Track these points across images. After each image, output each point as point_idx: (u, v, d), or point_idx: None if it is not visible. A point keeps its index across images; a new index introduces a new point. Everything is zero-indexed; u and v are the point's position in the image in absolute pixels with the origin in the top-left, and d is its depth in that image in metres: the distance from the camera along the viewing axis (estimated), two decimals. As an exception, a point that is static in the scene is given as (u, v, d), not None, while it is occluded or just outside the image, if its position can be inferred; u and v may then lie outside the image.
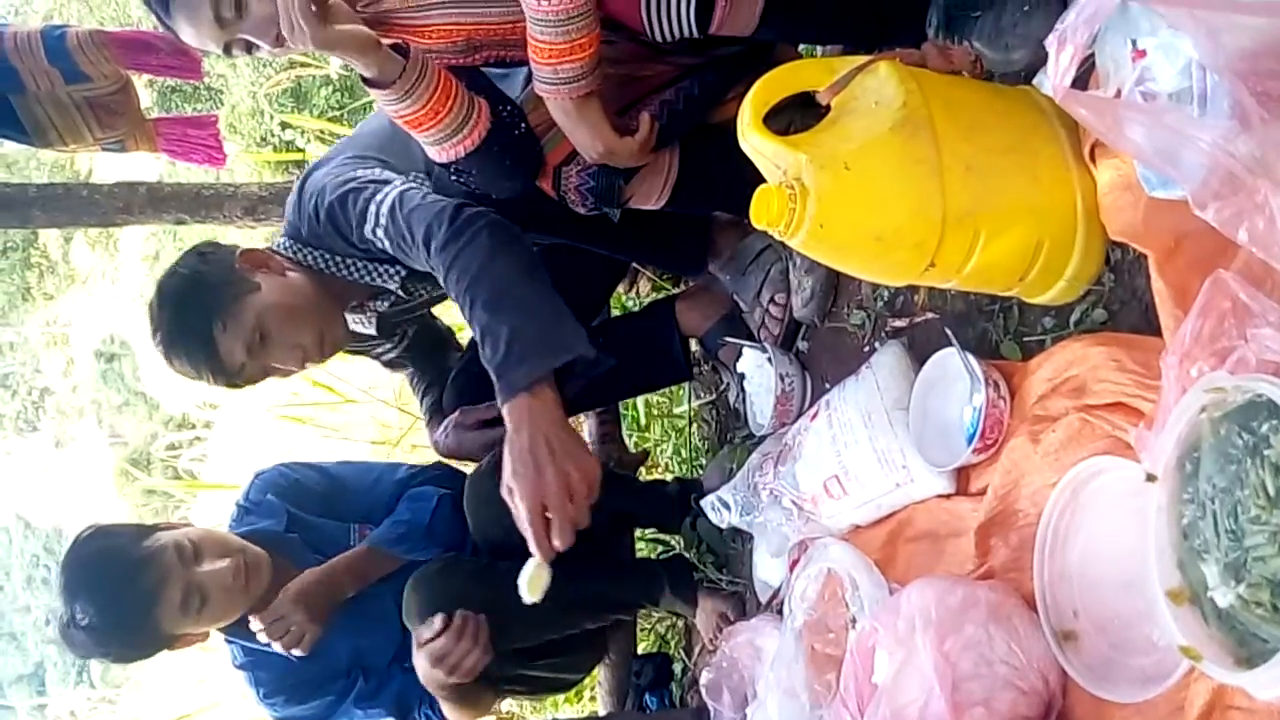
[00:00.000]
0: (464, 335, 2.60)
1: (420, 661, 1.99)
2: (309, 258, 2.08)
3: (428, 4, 1.69)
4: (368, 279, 2.08)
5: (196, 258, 2.06)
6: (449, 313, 2.51)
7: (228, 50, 1.64)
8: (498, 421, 1.72)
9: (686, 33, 1.58)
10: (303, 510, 2.31)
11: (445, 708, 2.16)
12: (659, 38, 1.60)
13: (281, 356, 2.03)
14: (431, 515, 2.25)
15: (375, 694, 2.26)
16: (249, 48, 1.63)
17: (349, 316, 2.18)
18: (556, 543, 1.60)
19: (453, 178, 1.83)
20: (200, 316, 1.98)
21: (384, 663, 2.26)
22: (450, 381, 2.38)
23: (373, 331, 2.24)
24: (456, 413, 2.29)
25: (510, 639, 2.09)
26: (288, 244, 2.10)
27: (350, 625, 2.21)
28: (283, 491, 2.33)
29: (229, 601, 2.07)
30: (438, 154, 1.76)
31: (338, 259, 2.07)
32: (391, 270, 2.06)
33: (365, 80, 1.66)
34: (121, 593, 1.98)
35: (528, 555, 1.67)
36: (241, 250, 2.06)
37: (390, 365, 2.54)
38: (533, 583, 1.66)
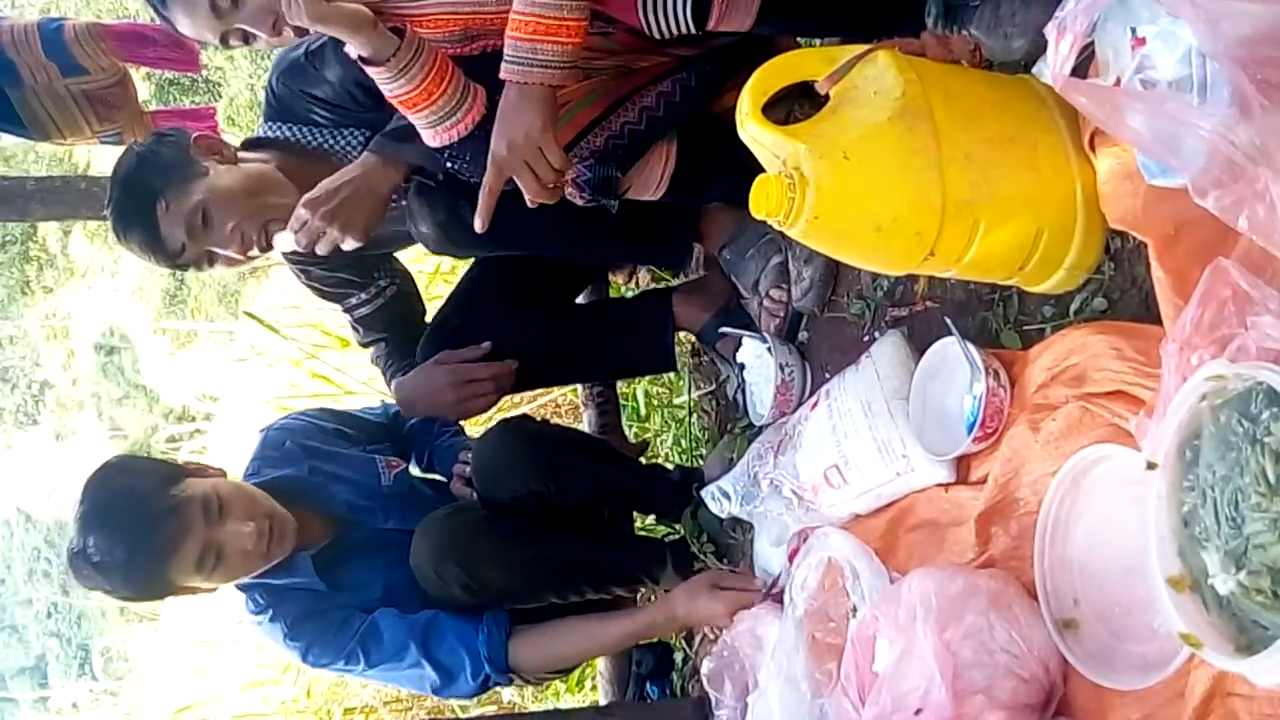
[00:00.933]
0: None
1: None
2: (277, 130, 2.12)
3: None
4: (331, 144, 2.12)
5: (155, 139, 2.11)
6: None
7: (224, 41, 1.64)
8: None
9: (684, 30, 1.58)
10: (326, 444, 2.29)
11: None
12: (656, 34, 1.60)
13: (221, 240, 2.04)
14: None
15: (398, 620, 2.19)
16: (246, 38, 1.63)
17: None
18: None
19: (447, 163, 1.82)
20: (145, 195, 2.02)
21: (416, 604, 2.18)
22: (424, 340, 2.36)
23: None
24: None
25: (513, 595, 2.12)
26: (262, 129, 2.16)
27: (377, 562, 2.18)
28: (302, 432, 2.31)
29: (245, 564, 2.03)
30: (432, 138, 1.75)
31: (303, 128, 2.13)
32: (357, 134, 2.10)
33: (361, 58, 1.66)
34: (139, 538, 1.93)
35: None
36: (197, 135, 2.08)
37: (361, 324, 2.43)
38: None
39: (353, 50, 1.64)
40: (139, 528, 1.94)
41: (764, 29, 1.65)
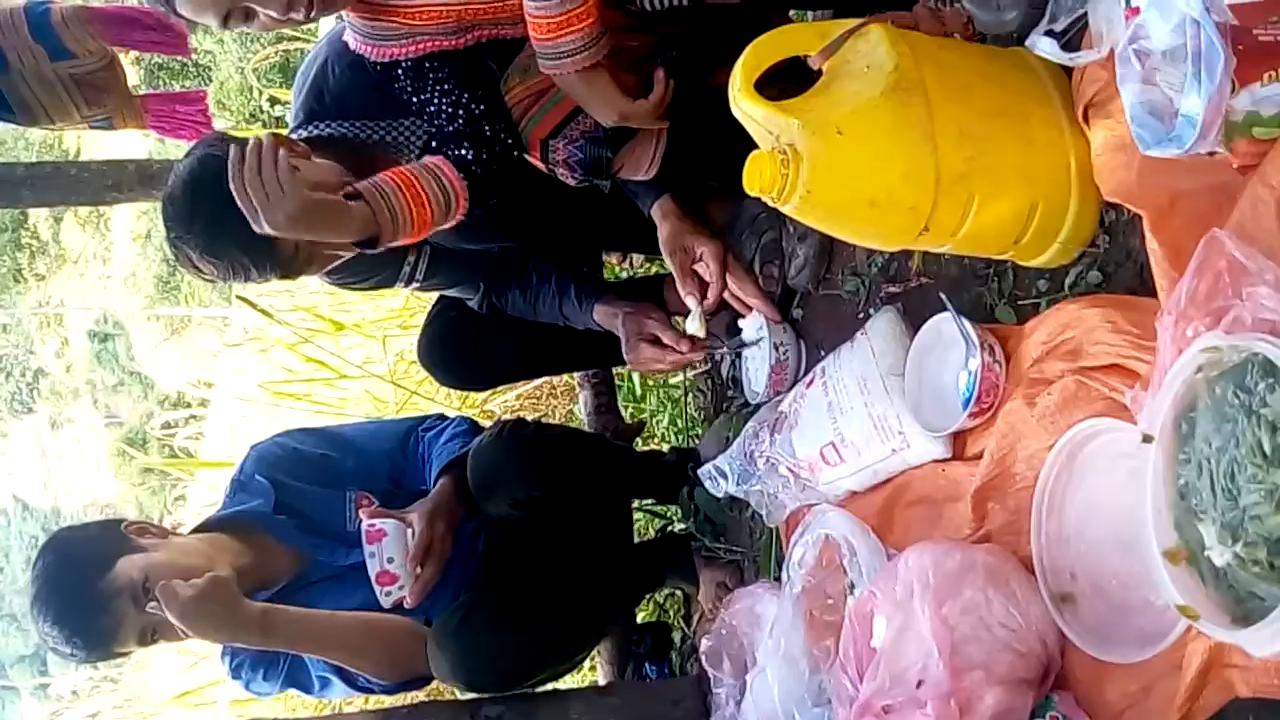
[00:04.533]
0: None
1: None
2: (326, 129, 2.00)
3: None
4: (389, 136, 2.00)
5: (215, 143, 1.85)
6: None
7: (225, 21, 1.59)
8: None
9: (676, 0, 1.57)
10: (299, 479, 2.28)
11: None
12: (649, 5, 1.59)
13: (327, 252, 1.90)
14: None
15: None
16: (248, 16, 1.59)
17: None
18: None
19: None
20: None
21: None
22: (430, 324, 2.35)
23: None
24: None
25: (540, 676, 2.18)
26: (303, 132, 2.01)
27: (333, 596, 2.20)
28: (276, 464, 2.31)
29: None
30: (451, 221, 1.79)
31: (357, 123, 1.99)
32: (415, 123, 1.98)
33: (356, 244, 1.67)
34: (77, 632, 2.00)
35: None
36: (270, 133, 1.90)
37: (428, 284, 2.34)
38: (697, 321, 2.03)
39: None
40: (75, 622, 2.01)
41: (757, 5, 1.64)
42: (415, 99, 1.83)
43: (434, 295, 2.47)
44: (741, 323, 2.12)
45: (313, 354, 4.00)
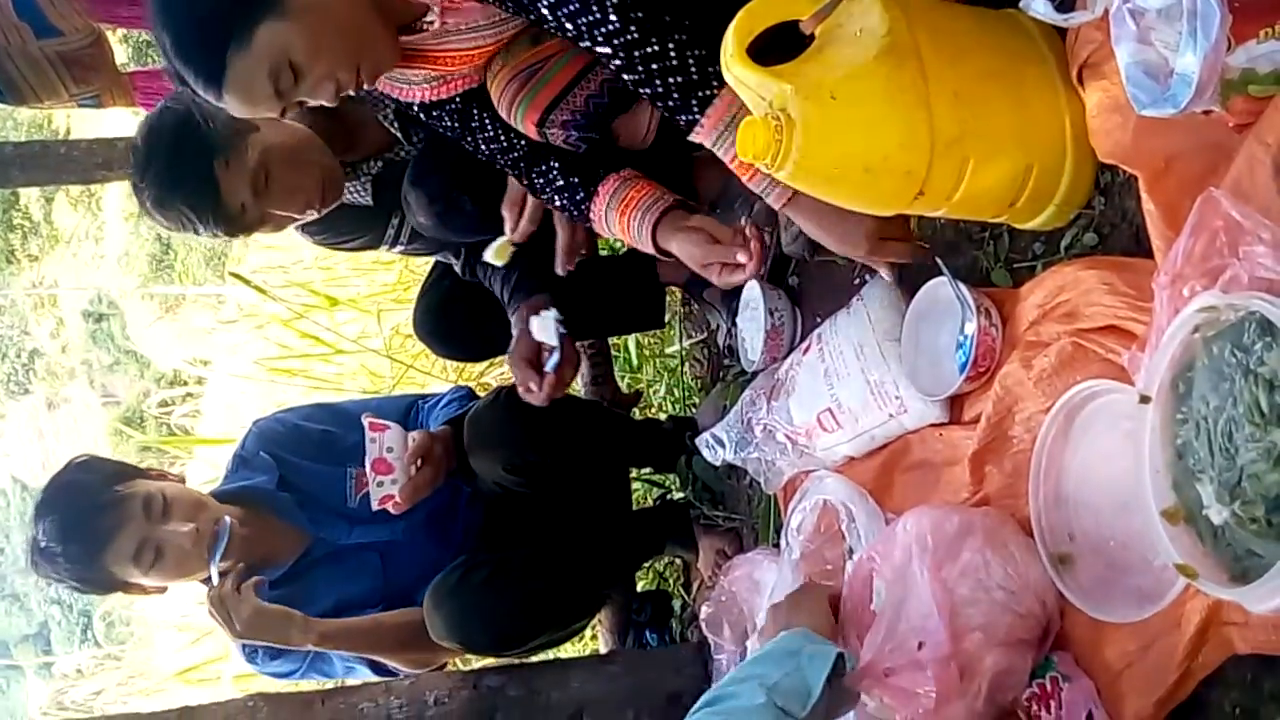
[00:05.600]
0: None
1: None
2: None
3: (448, 34, 1.64)
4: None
5: (187, 101, 1.89)
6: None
7: (283, 114, 1.60)
8: None
9: None
10: (301, 456, 2.29)
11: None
12: None
13: (284, 201, 1.95)
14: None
15: None
16: (302, 105, 1.58)
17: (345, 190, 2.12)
18: None
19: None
20: (199, 152, 1.87)
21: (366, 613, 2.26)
22: (422, 314, 2.36)
23: (369, 201, 2.17)
24: None
25: (535, 641, 2.20)
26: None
27: (334, 575, 2.23)
28: (279, 440, 2.32)
29: (183, 563, 2.06)
30: None
31: None
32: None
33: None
34: (77, 527, 2.01)
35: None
36: None
37: (411, 248, 2.38)
38: (500, 250, 1.97)
39: None
40: (78, 517, 2.02)
41: None
42: (465, 134, 1.84)
43: (427, 268, 2.47)
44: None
45: (308, 329, 4.00)
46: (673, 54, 1.45)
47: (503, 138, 1.81)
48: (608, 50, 1.46)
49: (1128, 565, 1.23)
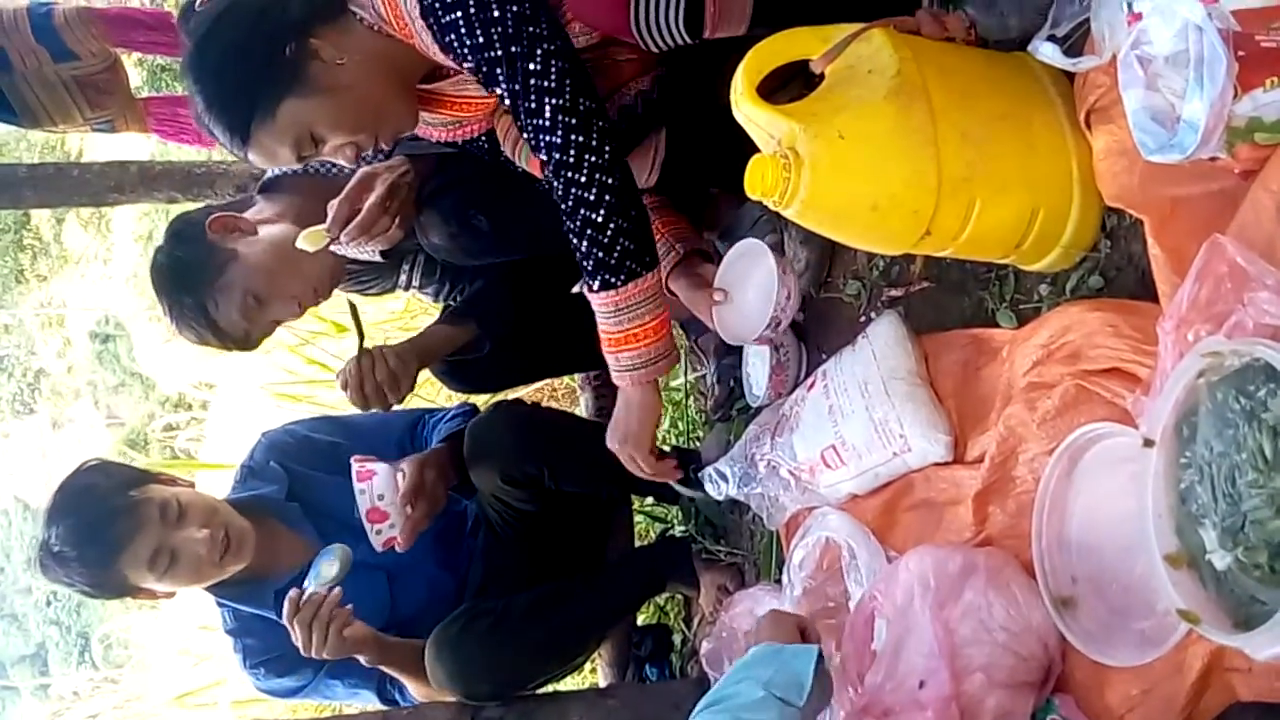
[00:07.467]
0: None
1: None
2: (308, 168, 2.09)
3: (465, 82, 1.68)
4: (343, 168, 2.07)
5: (171, 241, 2.09)
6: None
7: (301, 160, 1.66)
8: None
9: (679, 40, 1.55)
10: (310, 467, 2.31)
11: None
12: (653, 48, 1.58)
13: (279, 311, 2.08)
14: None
15: (355, 666, 2.26)
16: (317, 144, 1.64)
17: (348, 250, 2.14)
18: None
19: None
20: (193, 299, 2.02)
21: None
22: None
23: (377, 257, 2.20)
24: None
25: (538, 680, 2.19)
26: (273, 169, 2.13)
27: (342, 588, 2.21)
28: (288, 451, 2.33)
29: (198, 569, 2.07)
30: None
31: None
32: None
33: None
34: (93, 532, 2.01)
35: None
36: (210, 219, 2.05)
37: (424, 288, 2.47)
38: (311, 237, 1.95)
39: None
40: (94, 522, 2.01)
41: (760, 28, 1.63)
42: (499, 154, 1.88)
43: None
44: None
45: (314, 356, 4.00)
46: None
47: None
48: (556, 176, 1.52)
49: (1130, 609, 1.23)
